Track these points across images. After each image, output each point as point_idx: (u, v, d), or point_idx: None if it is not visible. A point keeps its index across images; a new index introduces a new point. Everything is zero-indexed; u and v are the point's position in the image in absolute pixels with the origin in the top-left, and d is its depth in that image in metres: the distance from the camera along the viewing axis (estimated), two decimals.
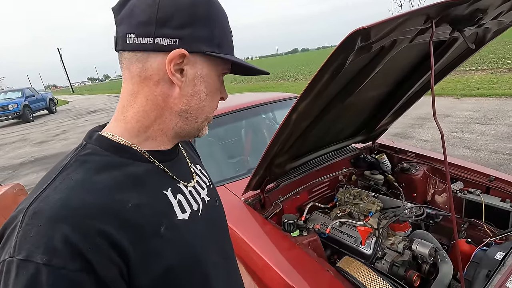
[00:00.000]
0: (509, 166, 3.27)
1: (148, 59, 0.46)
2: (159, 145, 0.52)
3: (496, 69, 9.74)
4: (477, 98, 6.68)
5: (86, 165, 0.44)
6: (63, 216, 0.37)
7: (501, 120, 4.87)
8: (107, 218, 0.39)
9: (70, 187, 0.40)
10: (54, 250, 0.35)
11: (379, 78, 1.27)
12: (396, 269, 1.10)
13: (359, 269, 0.99)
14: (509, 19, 1.14)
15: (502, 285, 0.93)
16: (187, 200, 0.53)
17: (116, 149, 0.47)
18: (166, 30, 0.44)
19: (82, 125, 10.51)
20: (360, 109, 1.55)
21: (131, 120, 0.48)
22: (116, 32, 0.47)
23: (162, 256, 0.44)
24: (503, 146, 3.82)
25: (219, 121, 2.02)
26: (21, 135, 10.18)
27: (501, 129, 4.46)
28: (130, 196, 0.44)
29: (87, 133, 0.50)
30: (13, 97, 13.47)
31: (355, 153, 1.90)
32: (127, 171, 0.46)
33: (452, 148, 4.02)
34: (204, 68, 0.49)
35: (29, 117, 13.36)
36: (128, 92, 0.48)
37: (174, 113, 0.50)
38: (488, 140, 4.09)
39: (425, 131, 4.89)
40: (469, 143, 4.11)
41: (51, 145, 7.80)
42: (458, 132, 4.63)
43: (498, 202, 1.43)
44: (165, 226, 0.46)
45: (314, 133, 1.41)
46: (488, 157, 3.58)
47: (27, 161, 6.40)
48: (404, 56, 1.24)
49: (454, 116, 5.50)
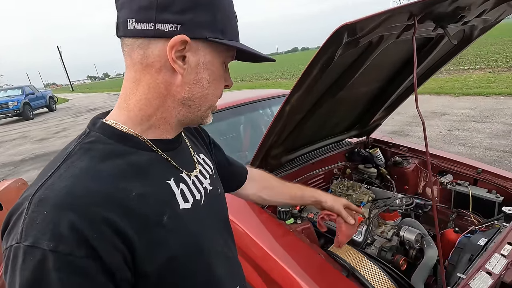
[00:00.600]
0: (502, 163, 3.33)
1: (149, 46, 0.44)
2: (162, 133, 0.51)
3: (494, 68, 9.80)
4: (474, 96, 6.74)
5: (90, 153, 0.44)
6: (68, 204, 0.38)
7: (497, 118, 4.93)
8: (111, 206, 0.40)
9: (75, 175, 0.40)
10: (60, 237, 0.36)
11: (369, 73, 1.33)
12: (384, 254, 1.16)
13: (348, 252, 1.05)
14: (494, 16, 1.20)
15: (481, 266, 0.99)
16: (189, 189, 0.53)
17: (120, 138, 0.47)
18: (167, 15, 0.43)
19: (82, 123, 10.55)
20: (353, 104, 1.61)
21: (133, 108, 0.48)
22: (117, 17, 0.46)
23: (165, 245, 0.44)
24: (497, 144, 3.88)
25: (217, 116, 2.07)
26: (21, 132, 10.22)
27: (497, 127, 4.52)
28: (134, 185, 0.44)
29: (90, 120, 0.50)
30: (13, 95, 13.48)
31: (349, 147, 1.96)
32: (130, 160, 0.46)
33: (448, 145, 4.08)
34: (207, 55, 0.48)
35: (29, 114, 13.39)
36: (131, 79, 0.48)
37: (177, 101, 0.49)
38: (483, 138, 4.16)
39: (421, 129, 4.94)
40: (465, 140, 4.17)
41: (52, 142, 7.85)
42: (454, 129, 4.69)
43: (484, 193, 1.49)
44: (168, 215, 0.46)
45: (309, 127, 1.47)
46: (482, 154, 3.64)
47: (27, 158, 6.45)
48: (394, 52, 1.30)
49: (451, 114, 5.57)
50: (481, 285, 0.94)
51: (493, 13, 1.16)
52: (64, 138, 8.16)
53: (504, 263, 1.01)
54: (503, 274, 0.99)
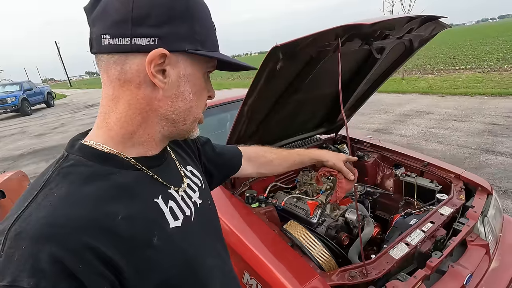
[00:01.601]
0: (472, 159, 3.57)
1: (126, 61, 0.43)
2: (147, 150, 0.50)
3: (483, 69, 10.03)
4: (460, 96, 6.97)
5: (69, 178, 0.42)
6: (48, 235, 0.35)
7: (477, 117, 5.16)
8: (95, 233, 0.38)
9: (53, 203, 0.38)
10: (41, 272, 0.34)
11: (323, 79, 1.54)
12: (330, 231, 1.39)
13: (295, 227, 1.28)
14: (426, 32, 1.42)
15: (402, 239, 1.22)
16: (179, 206, 0.52)
17: (101, 158, 0.45)
18: (143, 29, 0.42)
19: (80, 119, 10.74)
20: (317, 105, 1.83)
21: (114, 126, 0.46)
22: (90, 33, 0.44)
23: (157, 268, 0.43)
24: (472, 141, 4.11)
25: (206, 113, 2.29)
26: (19, 128, 10.40)
27: (475, 125, 4.75)
28: (119, 207, 0.42)
29: (68, 142, 0.48)
30: (11, 90, 13.65)
31: (319, 143, 2.18)
32: (114, 181, 0.44)
33: (426, 143, 4.31)
34: (187, 67, 0.47)
35: (27, 110, 13.55)
36: (109, 97, 0.46)
37: (160, 116, 0.48)
38: (460, 136, 4.39)
39: (405, 127, 5.18)
40: (443, 138, 4.40)
41: (50, 137, 8.05)
42: (434, 128, 4.92)
43: (427, 183, 1.72)
44: (157, 236, 0.44)
45: (275, 124, 1.68)
46: (456, 151, 3.87)
47: (26, 153, 6.64)
48: (344, 60, 1.51)
49: (434, 113, 5.79)
50: (397, 252, 1.16)
51: (424, 30, 1.38)
52: (62, 133, 8.35)
53: (422, 237, 1.23)
54: (420, 245, 1.22)
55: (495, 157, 3.54)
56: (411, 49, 1.56)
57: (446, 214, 1.36)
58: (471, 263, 1.24)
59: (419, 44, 1.54)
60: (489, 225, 1.38)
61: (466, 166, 3.39)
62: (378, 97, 8.09)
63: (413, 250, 1.20)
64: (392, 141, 4.55)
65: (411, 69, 12.58)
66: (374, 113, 6.44)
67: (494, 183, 2.96)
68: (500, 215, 1.52)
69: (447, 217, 1.35)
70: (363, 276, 1.07)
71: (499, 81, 7.71)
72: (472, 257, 1.28)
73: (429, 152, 3.95)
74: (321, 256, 1.18)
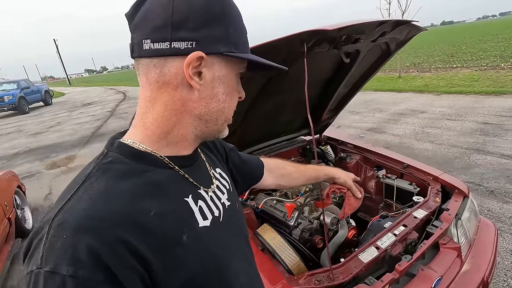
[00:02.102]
0: (462, 159, 3.57)
1: (165, 64, 0.45)
2: (180, 150, 0.52)
3: (480, 67, 10.01)
4: (455, 95, 6.96)
5: (108, 174, 0.44)
6: (87, 227, 0.38)
7: (470, 116, 5.16)
8: (129, 228, 0.40)
9: (93, 197, 0.41)
10: (79, 261, 0.36)
11: (302, 81, 1.54)
12: (304, 234, 1.39)
13: (267, 231, 1.29)
14: (402, 35, 1.42)
15: (373, 242, 1.23)
16: (208, 206, 0.53)
17: (137, 156, 0.47)
18: (182, 33, 0.44)
19: (76, 117, 10.73)
20: (298, 106, 1.82)
21: (150, 126, 0.49)
22: (131, 38, 0.47)
23: (185, 266, 0.44)
24: (463, 141, 4.12)
25: None
26: (16, 126, 10.40)
27: (467, 125, 4.75)
28: (152, 204, 0.44)
29: (108, 140, 0.51)
30: (9, 89, 13.61)
31: (303, 144, 2.18)
32: (148, 178, 0.46)
33: (417, 142, 4.31)
34: (222, 69, 0.48)
35: (25, 109, 13.54)
36: (146, 98, 0.48)
37: (194, 117, 0.50)
38: (452, 135, 4.39)
39: (398, 126, 5.18)
40: (435, 137, 4.40)
41: (46, 136, 8.04)
42: (427, 127, 4.92)
43: (406, 185, 1.72)
44: (187, 234, 0.46)
45: (256, 126, 1.69)
46: (447, 151, 3.87)
47: (21, 152, 6.65)
48: (322, 63, 1.52)
49: (429, 112, 5.79)
50: (367, 256, 1.17)
51: (399, 33, 1.38)
52: (58, 132, 8.35)
53: (393, 240, 1.24)
54: (390, 249, 1.22)
55: (485, 157, 3.54)
56: (388, 52, 1.56)
57: (419, 217, 1.37)
58: (441, 267, 1.25)
59: (396, 47, 1.54)
60: (463, 228, 1.39)
61: (455, 166, 3.40)
62: (374, 96, 8.09)
63: (383, 254, 1.20)
64: (384, 141, 4.55)
65: (409, 67, 12.57)
66: (369, 112, 6.44)
67: (482, 183, 2.96)
68: (476, 218, 1.53)
69: (421, 220, 1.36)
70: (330, 280, 1.08)
71: (495, 80, 7.69)
72: (443, 260, 1.28)
73: (420, 152, 3.96)
74: (290, 260, 1.18)
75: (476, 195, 2.77)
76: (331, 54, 1.32)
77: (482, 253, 1.38)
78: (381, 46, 1.50)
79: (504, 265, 1.94)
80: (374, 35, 1.27)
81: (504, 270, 1.90)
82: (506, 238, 2.17)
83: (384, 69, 13.29)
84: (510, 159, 3.40)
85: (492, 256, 1.37)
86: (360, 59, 1.50)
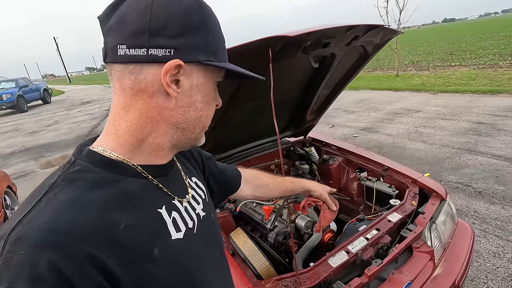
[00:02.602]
0: (453, 159, 3.56)
1: (141, 71, 0.44)
2: (155, 159, 0.50)
3: (479, 65, 9.96)
4: (451, 94, 6.94)
5: (75, 184, 0.41)
6: (49, 241, 0.35)
7: (464, 116, 5.15)
8: (97, 242, 0.38)
9: (57, 209, 0.38)
10: (39, 279, 0.33)
11: (280, 84, 1.54)
12: (278, 238, 1.40)
13: (239, 235, 1.29)
14: (376, 38, 1.41)
15: (343, 246, 1.23)
16: (182, 217, 0.51)
17: (108, 165, 0.45)
18: (160, 40, 0.43)
19: (74, 116, 10.75)
20: (277, 110, 1.81)
21: (123, 134, 0.47)
22: (104, 43, 0.45)
23: (156, 280, 0.42)
24: (455, 141, 4.11)
25: None
26: (14, 125, 10.42)
27: (461, 124, 4.74)
28: (123, 216, 0.42)
29: (76, 147, 0.48)
30: (7, 87, 13.62)
31: (287, 146, 2.18)
32: (120, 188, 0.44)
33: (410, 142, 4.31)
34: (200, 78, 0.48)
35: (23, 107, 13.56)
36: (120, 105, 0.46)
37: (171, 125, 0.49)
38: (444, 135, 4.38)
39: (392, 126, 5.17)
40: (427, 137, 4.39)
41: (42, 135, 8.06)
42: (421, 127, 4.91)
43: (386, 187, 1.72)
44: (158, 248, 0.44)
45: (235, 128, 1.69)
46: (439, 151, 3.86)
47: (17, 151, 6.67)
48: (300, 66, 1.51)
49: (423, 112, 5.77)
50: (336, 261, 1.17)
51: (373, 36, 1.37)
52: (55, 131, 8.37)
53: (364, 244, 1.24)
54: (361, 253, 1.23)
55: (476, 157, 3.54)
56: (366, 55, 1.55)
57: (393, 220, 1.37)
58: (413, 271, 1.25)
59: (374, 50, 1.53)
60: (437, 232, 1.39)
61: (446, 167, 3.40)
62: (370, 95, 8.07)
63: (353, 258, 1.21)
64: (377, 140, 4.55)
65: (407, 66, 12.52)
66: (364, 111, 6.43)
67: (471, 184, 2.96)
68: (452, 221, 1.53)
69: (395, 224, 1.36)
70: (297, 285, 1.08)
71: (492, 78, 7.66)
72: (416, 264, 1.28)
73: (412, 152, 3.95)
74: (260, 265, 1.19)
75: (464, 196, 2.77)
76: (307, 57, 1.32)
77: (456, 257, 1.38)
78: (358, 49, 1.49)
79: (485, 267, 1.94)
80: (346, 39, 1.26)
81: (485, 272, 1.90)
82: (490, 239, 2.17)
83: (382, 67, 13.26)
84: (501, 159, 3.40)
85: (466, 260, 1.37)
86: (336, 62, 1.49)
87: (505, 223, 2.32)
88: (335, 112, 6.42)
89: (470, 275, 1.87)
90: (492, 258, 2.01)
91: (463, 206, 2.62)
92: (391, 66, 12.13)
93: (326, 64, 1.50)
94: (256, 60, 1.16)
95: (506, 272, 1.89)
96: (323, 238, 1.46)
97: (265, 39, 1.00)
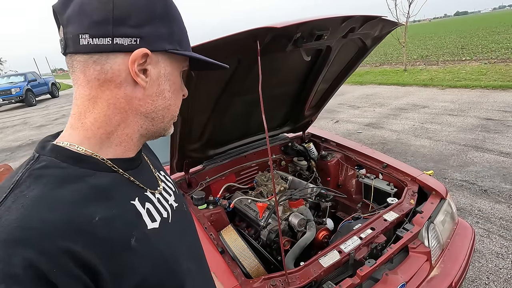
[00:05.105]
0: (459, 156, 3.47)
1: (107, 61, 0.43)
2: (124, 151, 0.50)
3: (490, 60, 9.68)
4: (460, 89, 6.76)
5: (42, 180, 0.40)
6: (21, 238, 0.34)
7: (472, 112, 5.01)
8: (72, 235, 0.37)
9: (26, 205, 0.37)
10: (12, 277, 0.32)
11: (275, 78, 1.50)
12: (270, 235, 1.37)
13: (229, 233, 1.27)
14: (374, 30, 1.35)
15: (336, 246, 1.20)
16: (155, 208, 0.52)
17: (76, 160, 0.44)
18: (125, 29, 0.43)
19: None
20: (274, 104, 1.78)
21: (91, 127, 0.46)
22: (64, 33, 0.43)
23: (134, 270, 0.43)
24: (462, 137, 4.00)
25: None
26: (22, 118, 10.58)
27: (469, 120, 4.61)
28: (96, 209, 0.41)
29: (38, 144, 0.47)
30: (16, 81, 13.81)
31: (285, 142, 2.14)
32: (90, 183, 0.43)
33: (415, 138, 4.21)
34: (167, 67, 0.49)
35: (32, 101, 13.74)
36: (85, 97, 0.46)
37: (140, 115, 0.49)
38: (451, 131, 4.27)
39: (397, 122, 5.06)
40: (433, 133, 4.29)
41: (49, 129, 8.16)
42: (427, 123, 4.79)
43: (384, 185, 1.68)
44: (135, 238, 0.44)
45: (230, 124, 1.65)
46: (444, 148, 3.77)
47: (24, 144, 6.77)
48: (295, 60, 1.46)
49: (430, 107, 5.64)
50: (327, 260, 1.14)
51: (371, 28, 1.32)
52: (62, 125, 8.46)
53: (357, 244, 1.21)
54: (354, 252, 1.19)
55: (483, 154, 3.44)
56: (365, 48, 1.50)
57: (389, 219, 1.33)
58: (407, 272, 1.21)
59: (373, 43, 1.47)
60: (435, 232, 1.34)
61: (451, 164, 3.31)
62: (376, 90, 7.93)
63: (346, 258, 1.17)
64: (381, 136, 4.47)
65: (416, 60, 12.25)
66: (369, 106, 6.32)
67: (476, 182, 2.88)
68: (452, 221, 1.48)
69: (391, 223, 1.32)
70: (286, 284, 1.05)
71: (503, 73, 7.43)
72: (411, 265, 1.25)
73: (416, 149, 3.87)
74: (249, 263, 1.16)
75: (468, 194, 2.69)
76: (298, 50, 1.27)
77: (454, 258, 1.34)
78: (356, 42, 1.44)
79: (487, 267, 1.89)
80: (341, 31, 1.21)
81: (487, 273, 1.85)
82: (494, 239, 2.11)
83: (390, 62, 13.00)
84: (509, 157, 3.29)
85: (465, 261, 1.33)
86: (333, 56, 1.44)
87: (510, 223, 2.25)
88: (340, 107, 6.32)
89: (470, 276, 1.82)
90: (495, 258, 1.95)
91: (467, 204, 2.55)
92: (399, 61, 11.89)
93: (322, 57, 1.44)
94: (245, 54, 1.13)
95: (509, 273, 1.83)
96: (318, 237, 1.43)
97: (252, 30, 0.96)
